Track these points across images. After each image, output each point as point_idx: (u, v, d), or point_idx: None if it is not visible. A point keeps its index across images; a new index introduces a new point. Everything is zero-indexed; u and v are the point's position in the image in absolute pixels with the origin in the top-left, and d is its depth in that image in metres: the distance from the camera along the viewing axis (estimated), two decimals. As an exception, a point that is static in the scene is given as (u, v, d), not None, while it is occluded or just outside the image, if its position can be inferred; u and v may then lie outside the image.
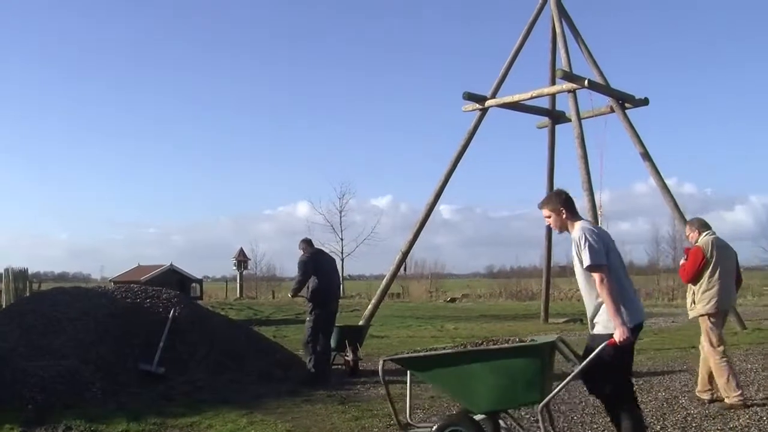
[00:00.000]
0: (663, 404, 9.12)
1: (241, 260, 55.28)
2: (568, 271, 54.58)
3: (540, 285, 29.09)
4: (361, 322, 17.01)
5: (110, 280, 49.79)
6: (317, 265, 11.35)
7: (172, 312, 8.36)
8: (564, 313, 28.12)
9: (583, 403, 9.23)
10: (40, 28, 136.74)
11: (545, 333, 19.84)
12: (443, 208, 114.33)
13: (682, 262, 9.59)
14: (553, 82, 20.90)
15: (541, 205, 6.45)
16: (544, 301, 24.56)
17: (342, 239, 55.13)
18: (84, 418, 8.00)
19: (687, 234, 9.68)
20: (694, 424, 7.92)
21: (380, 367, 6.78)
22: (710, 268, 9.07)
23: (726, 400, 8.77)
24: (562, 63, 19.64)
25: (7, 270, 32.10)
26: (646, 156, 19.67)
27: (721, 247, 9.22)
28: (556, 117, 22.59)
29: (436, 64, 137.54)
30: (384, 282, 20.88)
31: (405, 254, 20.78)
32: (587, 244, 5.96)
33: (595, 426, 7.92)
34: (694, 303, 9.23)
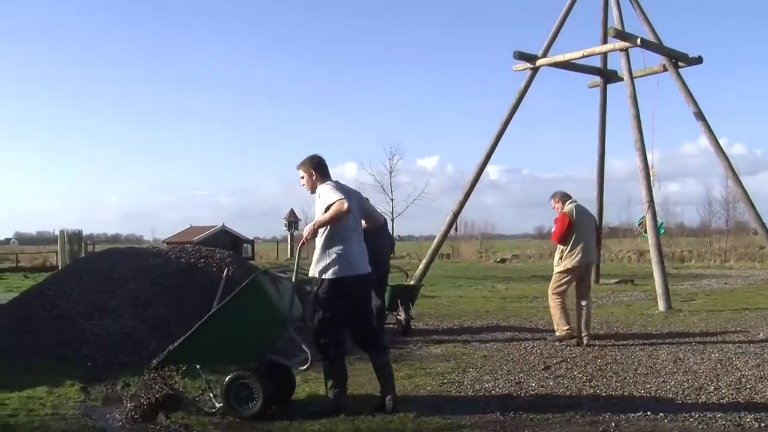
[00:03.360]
0: (717, 365, 9.05)
1: (292, 221, 55.62)
2: (619, 232, 54.19)
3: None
4: (412, 282, 17.02)
5: (163, 241, 50.44)
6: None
7: (225, 271, 8.40)
8: (615, 274, 27.92)
9: (636, 364, 9.21)
10: None
11: (595, 293, 19.78)
12: (490, 169, 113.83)
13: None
14: (605, 41, 20.61)
15: (298, 167, 7.14)
16: (595, 262, 24.33)
17: (392, 199, 55.22)
18: (141, 376, 8.15)
19: (552, 205, 11.34)
20: (748, 386, 7.84)
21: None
22: (575, 230, 10.83)
23: (556, 333, 10.98)
24: (614, 21, 19.37)
25: (62, 232, 32.76)
26: (699, 116, 19.31)
27: (581, 213, 11.12)
28: (608, 76, 22.27)
29: (487, 23, 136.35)
30: (435, 242, 20.90)
31: (456, 214, 20.76)
32: (330, 190, 6.71)
33: (648, 386, 7.89)
34: (561, 259, 10.97)
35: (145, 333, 9.97)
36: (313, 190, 6.96)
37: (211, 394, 7.08)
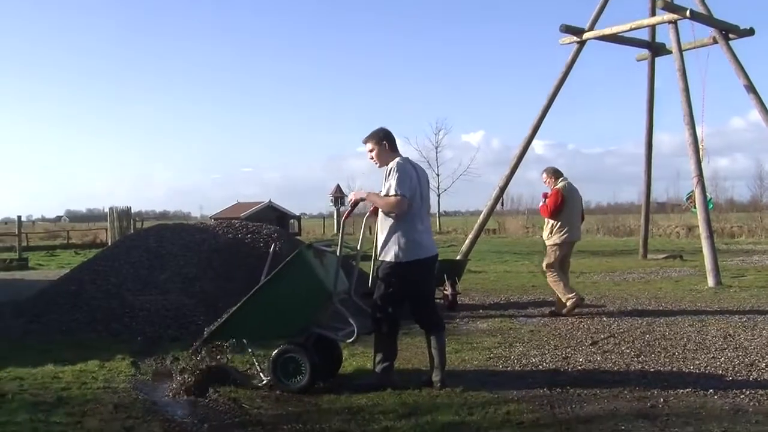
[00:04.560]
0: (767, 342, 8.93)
1: (338, 196, 55.78)
2: (667, 208, 53.61)
3: (638, 221, 28.59)
4: (458, 257, 16.99)
5: (210, 217, 50.88)
6: None
7: (272, 247, 8.45)
8: (663, 249, 27.65)
9: (685, 339, 9.12)
10: None
11: (643, 269, 19.62)
12: (536, 144, 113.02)
13: (541, 204, 11.74)
14: (654, 13, 20.30)
15: (365, 140, 7.01)
16: (643, 237, 24.13)
17: (438, 175, 55.11)
18: (190, 351, 8.24)
19: (544, 180, 11.63)
20: (800, 362, 7.73)
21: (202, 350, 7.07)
22: (565, 207, 11.25)
23: (567, 303, 11.24)
24: (662, -8, 19.04)
25: (111, 209, 33.13)
26: (750, 89, 18.88)
27: (572, 190, 11.51)
28: (656, 49, 21.96)
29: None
30: (481, 217, 20.78)
31: (502, 189, 20.59)
32: (401, 177, 6.57)
33: (697, 362, 7.80)
34: (551, 234, 11.40)
35: (193, 308, 10.08)
36: (382, 164, 6.85)
37: (259, 369, 7.14)
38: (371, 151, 6.93)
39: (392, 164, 6.69)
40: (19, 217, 33.47)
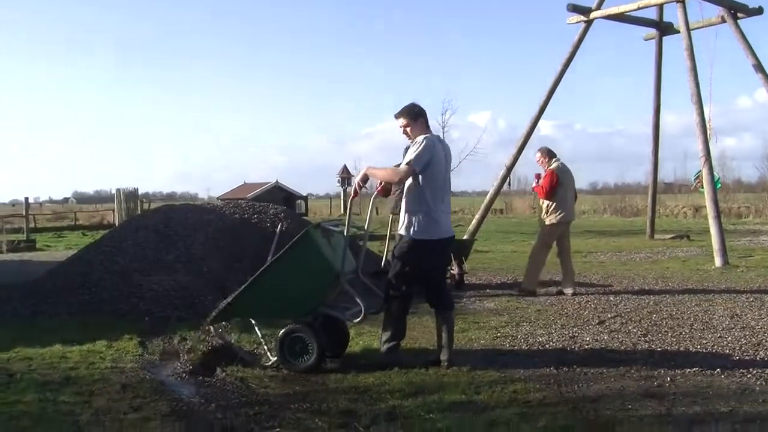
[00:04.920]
0: (775, 320, 8.93)
1: (345, 177, 55.78)
2: (674, 188, 53.48)
3: (645, 201, 28.52)
4: (465, 237, 16.98)
5: (217, 198, 50.92)
6: None
7: (279, 227, 8.48)
8: (670, 229, 27.62)
9: (692, 319, 9.12)
10: None
11: (650, 249, 19.60)
12: (542, 124, 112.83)
13: (534, 185, 12.10)
14: (661, -8, 20.20)
15: (398, 115, 6.91)
16: (650, 217, 24.13)
17: (445, 155, 55.04)
18: (197, 330, 8.27)
19: (538, 160, 11.82)
20: (809, 341, 7.73)
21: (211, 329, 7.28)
22: (560, 187, 11.38)
23: (524, 285, 11.70)
24: (670, -30, 18.92)
25: (118, 191, 33.17)
26: (759, 68, 18.78)
27: (565, 171, 11.63)
28: (664, 29, 21.89)
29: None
30: (488, 197, 20.74)
31: (509, 169, 20.57)
32: (422, 149, 6.53)
33: (704, 341, 7.80)
34: (547, 214, 11.52)
35: (201, 288, 10.09)
36: (414, 138, 6.77)
37: (266, 348, 7.16)
38: (405, 126, 6.86)
39: (419, 138, 6.64)
40: (27, 199, 33.58)
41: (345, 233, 6.86)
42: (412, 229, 6.63)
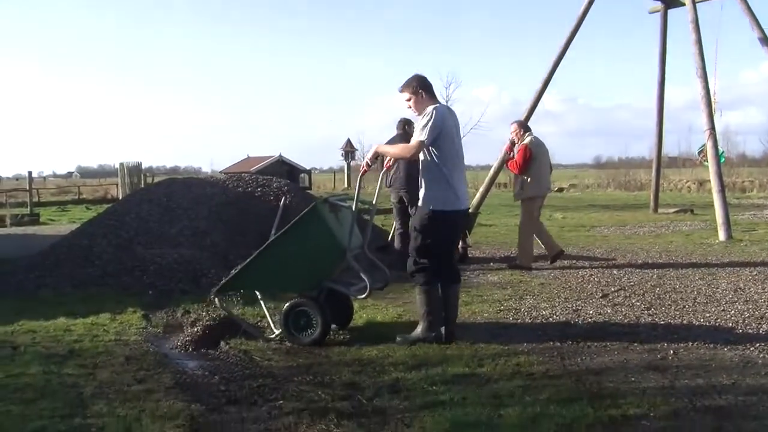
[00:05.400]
0: (780, 294, 8.93)
1: (349, 150, 55.71)
2: (678, 162, 53.39)
3: (649, 175, 28.46)
4: (469, 210, 16.96)
5: (221, 171, 50.87)
6: None
7: (283, 200, 8.46)
8: (674, 203, 27.58)
9: (695, 292, 9.12)
10: None
11: (654, 223, 19.59)
12: (546, 99, 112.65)
13: (509, 160, 12.30)
14: (667, -37, 20.06)
15: (401, 89, 6.86)
16: (654, 191, 24.09)
17: (449, 128, 54.88)
18: (201, 303, 8.29)
19: (513, 131, 12.27)
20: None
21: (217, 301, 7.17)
22: (534, 161, 11.53)
23: (517, 261, 11.65)
24: (677, -59, 18.78)
25: (122, 165, 33.21)
26: (764, 41, 18.63)
27: (539, 145, 11.81)
28: (669, 1, 21.72)
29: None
30: (492, 171, 20.65)
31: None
32: (431, 123, 6.44)
33: (707, 315, 7.80)
34: (522, 189, 11.66)
35: (204, 261, 10.10)
36: (420, 112, 6.69)
37: (270, 321, 7.18)
38: (408, 100, 6.80)
39: (428, 109, 6.56)
40: (30, 173, 33.58)
41: (353, 208, 6.84)
42: (431, 202, 6.57)
